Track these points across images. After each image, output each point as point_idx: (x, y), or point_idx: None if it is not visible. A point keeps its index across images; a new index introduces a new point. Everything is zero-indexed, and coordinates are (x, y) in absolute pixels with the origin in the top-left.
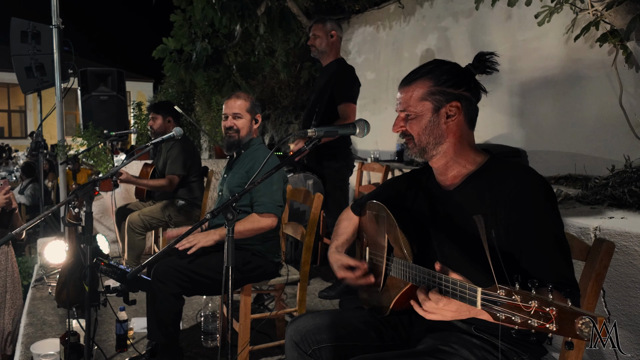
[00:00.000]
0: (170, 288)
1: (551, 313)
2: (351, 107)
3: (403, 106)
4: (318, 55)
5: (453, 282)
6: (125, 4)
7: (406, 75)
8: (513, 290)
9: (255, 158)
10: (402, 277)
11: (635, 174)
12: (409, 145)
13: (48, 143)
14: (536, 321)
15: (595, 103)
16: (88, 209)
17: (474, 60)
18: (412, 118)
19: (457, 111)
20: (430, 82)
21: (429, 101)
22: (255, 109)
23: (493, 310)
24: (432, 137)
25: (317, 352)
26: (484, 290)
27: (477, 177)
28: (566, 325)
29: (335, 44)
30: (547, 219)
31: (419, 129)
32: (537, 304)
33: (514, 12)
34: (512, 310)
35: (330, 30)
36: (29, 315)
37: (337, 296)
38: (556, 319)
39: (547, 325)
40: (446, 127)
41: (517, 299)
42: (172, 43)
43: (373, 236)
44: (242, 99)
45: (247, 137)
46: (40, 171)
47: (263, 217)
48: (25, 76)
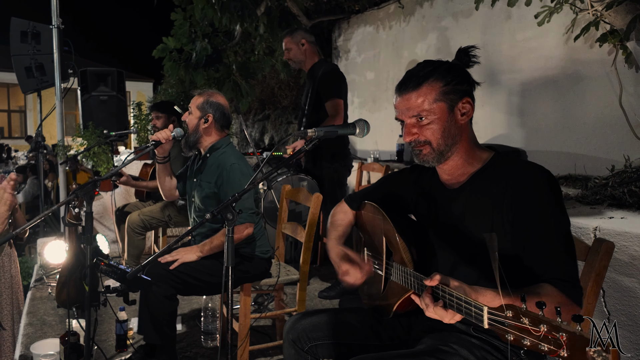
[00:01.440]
0: (163, 290)
1: (562, 339)
2: (338, 102)
3: (415, 111)
4: (297, 65)
5: (458, 297)
6: (125, 4)
7: (405, 81)
8: (521, 311)
9: (222, 167)
10: (403, 284)
11: (635, 174)
12: (425, 152)
13: (48, 143)
14: (547, 346)
15: (595, 103)
16: (88, 209)
17: (456, 56)
18: (427, 123)
19: (470, 107)
20: (439, 82)
21: (443, 101)
22: (207, 108)
23: (501, 330)
24: (450, 139)
25: (313, 349)
26: (490, 310)
27: (484, 174)
28: (577, 353)
29: (309, 50)
30: (552, 214)
31: (438, 133)
32: (547, 329)
33: (513, 12)
34: (521, 333)
35: (299, 39)
36: (29, 315)
37: (337, 296)
38: (567, 346)
39: (560, 351)
40: (461, 125)
41: (525, 321)
42: (172, 42)
43: (371, 237)
44: (201, 95)
45: (193, 135)
46: (40, 171)
47: (239, 228)
48: (25, 76)
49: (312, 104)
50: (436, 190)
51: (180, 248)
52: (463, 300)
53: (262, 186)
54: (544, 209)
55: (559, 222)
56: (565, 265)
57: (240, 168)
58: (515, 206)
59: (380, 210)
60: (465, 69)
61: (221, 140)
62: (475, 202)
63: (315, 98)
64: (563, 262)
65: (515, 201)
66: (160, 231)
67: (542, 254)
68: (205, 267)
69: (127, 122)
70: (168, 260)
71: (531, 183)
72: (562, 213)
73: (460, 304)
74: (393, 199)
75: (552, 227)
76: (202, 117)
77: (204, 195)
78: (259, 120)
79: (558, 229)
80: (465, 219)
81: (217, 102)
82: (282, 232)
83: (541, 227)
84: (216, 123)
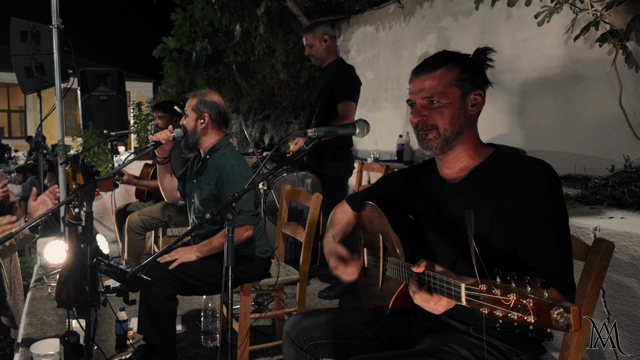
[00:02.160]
0: (163, 290)
1: (528, 305)
2: (351, 105)
3: (428, 92)
4: (318, 62)
5: (440, 278)
6: (125, 4)
7: (424, 63)
8: (493, 284)
9: (221, 169)
10: (397, 277)
11: (635, 174)
12: (430, 137)
13: (48, 143)
14: (515, 314)
15: (595, 103)
16: (88, 209)
17: (473, 55)
18: (438, 106)
19: (481, 100)
20: (457, 68)
21: (457, 87)
22: (202, 108)
23: (477, 304)
24: (457, 127)
25: (312, 348)
26: (467, 285)
27: (484, 169)
28: (543, 317)
29: (331, 46)
30: (551, 210)
31: (447, 118)
32: (515, 297)
33: (513, 12)
34: (494, 305)
35: (322, 35)
36: (28, 315)
37: (337, 296)
38: (533, 311)
39: (525, 317)
40: (470, 116)
41: (497, 292)
42: (172, 42)
43: (370, 236)
44: (194, 97)
45: (192, 137)
46: (40, 171)
47: (238, 230)
48: (25, 76)
49: (325, 102)
50: (436, 187)
51: (180, 248)
52: (445, 281)
53: (262, 186)
54: (542, 205)
55: (556, 218)
56: (560, 260)
57: (239, 170)
58: (515, 201)
59: (377, 209)
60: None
61: (221, 141)
62: (476, 197)
63: (329, 97)
64: (558, 257)
65: (515, 196)
66: (160, 231)
67: (538, 249)
68: (205, 267)
69: (127, 122)
70: (167, 260)
71: (531, 178)
72: (561, 209)
73: (442, 285)
74: (392, 199)
75: (549, 223)
76: (198, 118)
77: (203, 197)
78: (259, 120)
79: (555, 225)
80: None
81: (211, 100)
82: (282, 232)
83: (539, 223)
84: (213, 122)
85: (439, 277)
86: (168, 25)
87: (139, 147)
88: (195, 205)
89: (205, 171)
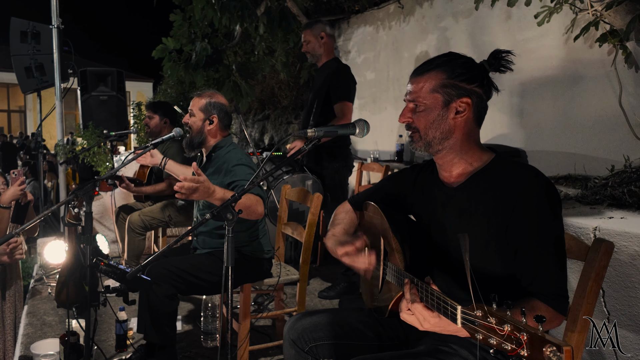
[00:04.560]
0: (164, 289)
1: (522, 338)
2: (347, 105)
3: (412, 96)
4: (314, 59)
5: (437, 296)
6: (125, 4)
7: (420, 65)
8: (489, 311)
9: (229, 167)
10: (396, 283)
11: (634, 174)
12: (414, 138)
13: (48, 144)
14: (510, 345)
15: (595, 103)
16: (88, 209)
17: (489, 57)
18: (420, 110)
19: (467, 107)
20: (443, 74)
21: (439, 94)
22: (211, 109)
23: (472, 329)
24: (438, 132)
25: (314, 349)
26: (463, 309)
27: (482, 175)
28: (536, 352)
29: (327, 43)
30: (547, 224)
31: (426, 122)
32: (510, 329)
33: (513, 12)
34: (489, 332)
35: (319, 32)
36: (28, 315)
37: (337, 296)
38: (527, 345)
39: (519, 350)
40: (454, 122)
41: (492, 321)
42: (171, 43)
43: (371, 238)
44: (201, 97)
45: (198, 136)
46: (40, 171)
47: (250, 196)
48: (25, 76)
49: (320, 103)
50: (435, 188)
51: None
52: (442, 300)
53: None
54: (538, 219)
55: (551, 232)
56: (553, 275)
57: (249, 166)
58: (510, 216)
59: (379, 211)
60: (486, 71)
61: (224, 140)
62: (472, 204)
63: (325, 97)
64: (551, 272)
65: (510, 207)
66: (160, 231)
67: (532, 263)
68: (207, 266)
69: (127, 122)
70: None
71: (528, 190)
72: (557, 223)
73: (439, 303)
74: (394, 199)
75: (544, 237)
76: (207, 119)
77: None
78: (259, 120)
79: (550, 239)
80: (462, 221)
81: (220, 102)
82: (282, 232)
83: (533, 237)
84: (220, 123)
85: (436, 294)
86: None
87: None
88: (200, 203)
89: (210, 169)
